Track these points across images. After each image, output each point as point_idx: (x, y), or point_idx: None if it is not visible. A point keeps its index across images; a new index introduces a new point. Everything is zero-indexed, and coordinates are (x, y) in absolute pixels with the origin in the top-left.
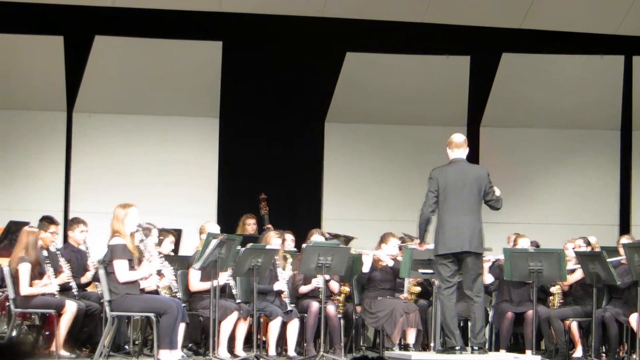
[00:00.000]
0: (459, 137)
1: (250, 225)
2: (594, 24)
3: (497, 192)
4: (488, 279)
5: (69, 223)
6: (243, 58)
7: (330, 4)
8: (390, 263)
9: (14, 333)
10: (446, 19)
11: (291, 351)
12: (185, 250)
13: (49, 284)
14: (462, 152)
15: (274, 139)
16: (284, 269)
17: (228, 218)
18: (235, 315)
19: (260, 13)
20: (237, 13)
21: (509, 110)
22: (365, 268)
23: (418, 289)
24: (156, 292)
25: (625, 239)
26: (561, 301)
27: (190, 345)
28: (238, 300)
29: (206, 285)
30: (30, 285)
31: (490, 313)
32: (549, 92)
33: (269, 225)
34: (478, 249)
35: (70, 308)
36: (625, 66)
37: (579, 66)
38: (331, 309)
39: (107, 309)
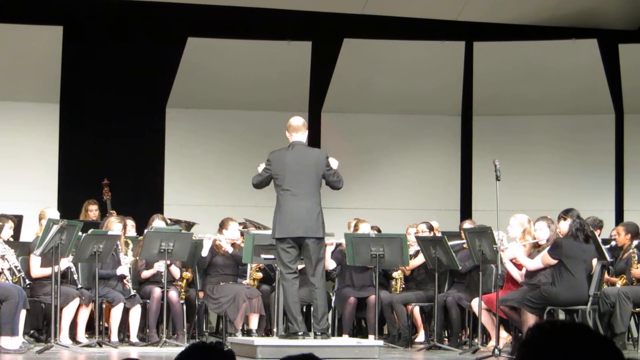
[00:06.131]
0: (298, 121)
1: (92, 211)
2: (436, 10)
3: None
4: (331, 264)
5: None
6: (84, 43)
7: None
8: (230, 249)
9: None
10: (287, 4)
11: (134, 337)
12: (26, 236)
13: None
14: (301, 136)
15: (115, 125)
16: (126, 254)
17: (69, 204)
18: (76, 301)
19: None
20: None
21: (351, 95)
22: (204, 252)
23: (260, 274)
24: None
25: (466, 224)
26: (403, 286)
27: (31, 332)
28: (80, 286)
29: (47, 272)
30: None
31: (333, 298)
32: (390, 77)
33: (113, 211)
34: (317, 234)
35: None
36: (466, 52)
37: (420, 52)
38: (173, 294)
39: None
